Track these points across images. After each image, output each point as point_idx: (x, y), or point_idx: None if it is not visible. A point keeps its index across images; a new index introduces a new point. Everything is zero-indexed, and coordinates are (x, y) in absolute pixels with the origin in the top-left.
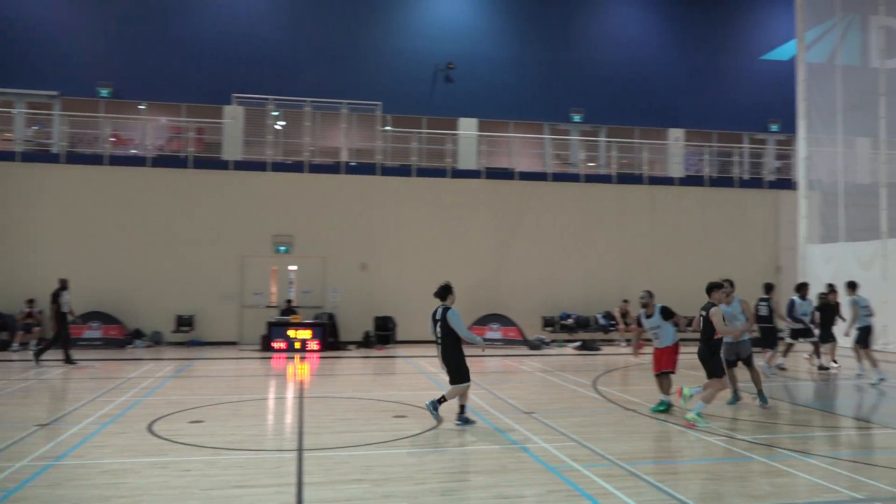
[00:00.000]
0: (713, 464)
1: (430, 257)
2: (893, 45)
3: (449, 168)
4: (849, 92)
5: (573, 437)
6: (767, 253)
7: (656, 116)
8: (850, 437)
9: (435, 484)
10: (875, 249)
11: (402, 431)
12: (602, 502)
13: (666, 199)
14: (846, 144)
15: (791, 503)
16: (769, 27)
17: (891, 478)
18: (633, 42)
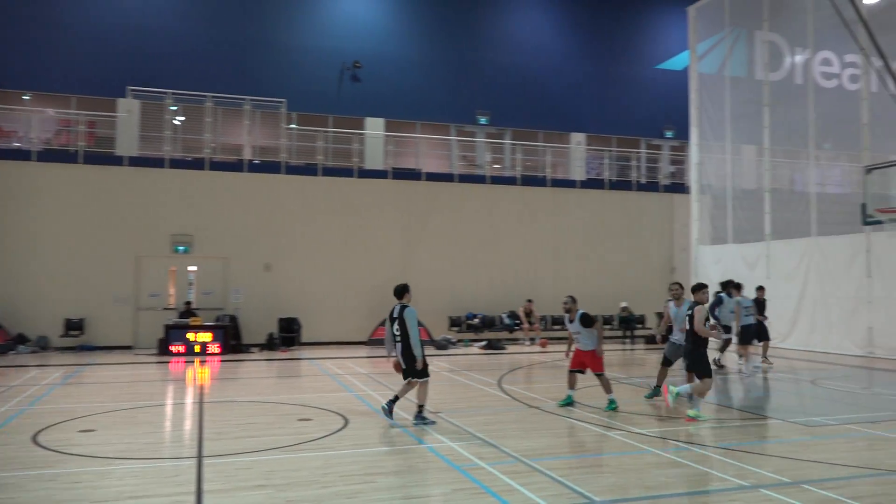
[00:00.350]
0: (613, 457)
1: (336, 258)
2: (776, 59)
3: (356, 168)
4: (736, 102)
5: (479, 436)
6: (663, 253)
7: (559, 120)
8: (738, 428)
9: (341, 487)
10: (759, 251)
11: (307, 435)
12: (507, 499)
13: (568, 201)
14: (734, 151)
15: (684, 493)
16: (665, 38)
17: (773, 465)
18: (538, 48)
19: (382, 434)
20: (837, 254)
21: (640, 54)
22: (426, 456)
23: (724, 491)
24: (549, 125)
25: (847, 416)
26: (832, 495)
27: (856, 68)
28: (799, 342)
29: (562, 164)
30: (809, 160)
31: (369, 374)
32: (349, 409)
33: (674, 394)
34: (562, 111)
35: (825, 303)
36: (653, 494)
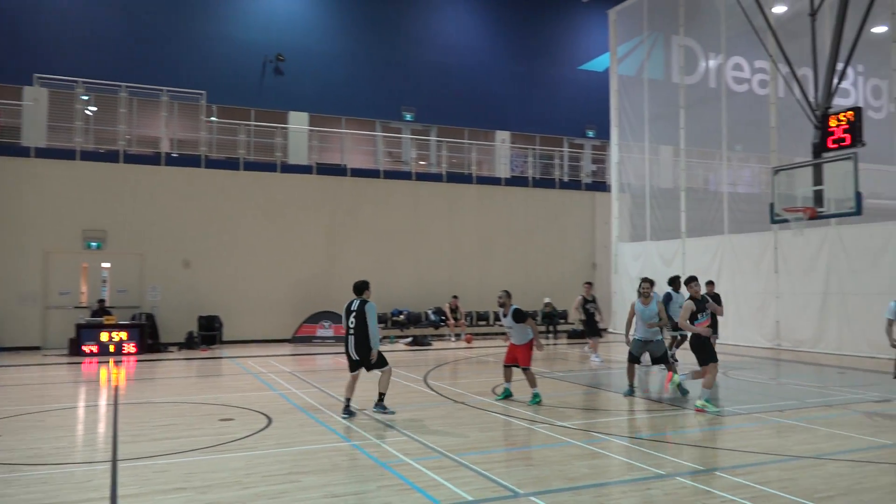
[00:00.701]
0: (536, 450)
1: (258, 254)
2: (691, 63)
3: (279, 163)
4: (654, 103)
5: (404, 432)
6: (585, 250)
7: (484, 118)
8: (656, 419)
9: (264, 487)
10: (676, 248)
11: (229, 435)
12: (433, 494)
13: (493, 198)
14: (652, 151)
15: (604, 483)
16: (587, 40)
17: (689, 454)
18: (464, 45)
19: (307, 432)
20: (748, 251)
21: (564, 55)
22: (351, 453)
23: (642, 480)
24: (475, 123)
25: (756, 405)
26: (743, 481)
27: (765, 74)
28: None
29: (487, 162)
30: (722, 161)
31: (293, 372)
32: (273, 408)
33: (675, 382)
34: (487, 109)
35: (736, 297)
36: (575, 485)
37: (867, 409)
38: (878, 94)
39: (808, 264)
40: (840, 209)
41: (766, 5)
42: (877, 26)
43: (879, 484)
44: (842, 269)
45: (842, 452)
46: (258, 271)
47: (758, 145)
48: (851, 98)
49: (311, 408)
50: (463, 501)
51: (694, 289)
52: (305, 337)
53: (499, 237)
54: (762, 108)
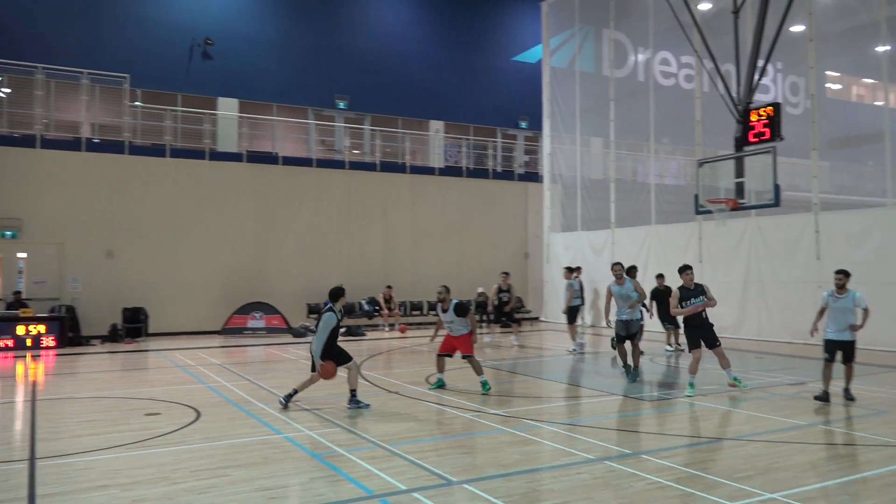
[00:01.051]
0: (469, 438)
1: (186, 243)
2: (621, 57)
3: (207, 150)
4: (585, 96)
5: (337, 423)
6: (518, 240)
7: (418, 108)
8: (586, 405)
9: (193, 482)
10: (605, 237)
11: (155, 430)
12: (366, 484)
13: (427, 187)
14: (583, 143)
15: (536, 468)
16: (520, 31)
17: (617, 438)
18: (398, 34)
19: (237, 426)
20: (673, 241)
21: (498, 46)
22: (283, 446)
23: (572, 465)
24: (409, 112)
25: (681, 390)
26: (667, 463)
27: (690, 69)
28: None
29: (421, 152)
30: (650, 153)
31: (223, 365)
32: (201, 402)
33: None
34: (421, 98)
35: None
36: (507, 472)
37: (784, 392)
38: (796, 90)
39: (730, 254)
40: (760, 201)
41: (692, 2)
42: (795, 25)
43: (795, 463)
44: (761, 258)
45: (760, 434)
46: (186, 261)
47: (684, 138)
48: (771, 94)
49: (241, 400)
50: (396, 491)
51: (686, 277)
52: (236, 328)
53: (433, 227)
54: (688, 102)
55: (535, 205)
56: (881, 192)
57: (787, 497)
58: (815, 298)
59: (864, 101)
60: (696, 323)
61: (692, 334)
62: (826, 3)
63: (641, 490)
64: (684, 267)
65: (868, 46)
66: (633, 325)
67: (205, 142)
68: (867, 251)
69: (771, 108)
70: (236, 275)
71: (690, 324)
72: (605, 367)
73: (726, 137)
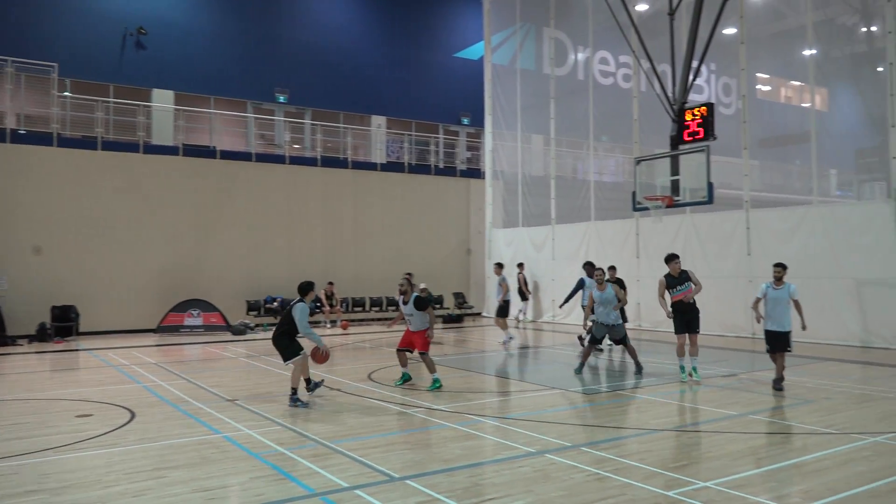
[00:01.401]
0: (412, 434)
1: (119, 239)
2: (561, 55)
3: (141, 142)
4: (526, 93)
5: (278, 422)
6: (460, 236)
7: (360, 103)
8: (527, 400)
9: (127, 485)
10: (546, 233)
11: (87, 432)
12: (307, 482)
13: (369, 183)
14: (524, 140)
15: (478, 463)
16: (463, 27)
17: (557, 431)
18: (339, 28)
19: (174, 426)
20: (612, 237)
21: (440, 42)
22: (222, 446)
23: (513, 458)
24: (350, 107)
25: (618, 382)
26: (606, 455)
27: (628, 68)
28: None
29: (363, 147)
30: (589, 151)
31: (159, 364)
32: (136, 402)
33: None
34: (363, 93)
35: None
36: (450, 467)
37: (717, 384)
38: (728, 91)
39: (666, 249)
40: (694, 198)
41: (630, 3)
42: (727, 28)
43: (726, 451)
44: (696, 253)
45: (693, 424)
46: (119, 258)
47: (622, 136)
48: (705, 94)
49: (178, 400)
50: (338, 488)
51: (673, 266)
52: (172, 326)
53: (375, 223)
54: (626, 101)
55: (477, 201)
56: (808, 191)
57: (719, 485)
58: (747, 292)
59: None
60: (683, 308)
61: (678, 319)
62: (757, 8)
63: (581, 482)
64: (671, 256)
65: (796, 50)
66: (616, 330)
67: (139, 134)
68: (794, 247)
69: (704, 108)
70: (172, 271)
71: (678, 309)
72: (546, 362)
73: (663, 136)
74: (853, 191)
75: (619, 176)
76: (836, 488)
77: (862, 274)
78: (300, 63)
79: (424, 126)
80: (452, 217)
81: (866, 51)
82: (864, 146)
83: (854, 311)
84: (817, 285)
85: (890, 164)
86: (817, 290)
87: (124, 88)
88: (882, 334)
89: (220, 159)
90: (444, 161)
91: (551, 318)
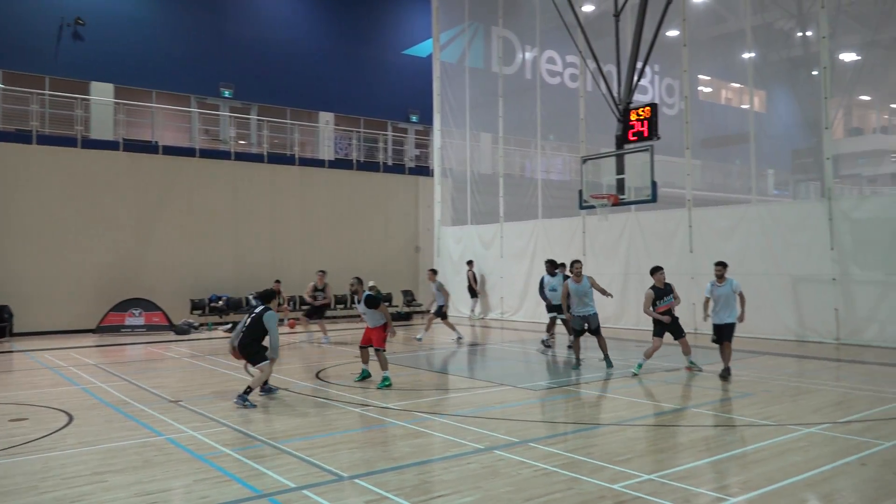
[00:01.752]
0: (360, 433)
1: (56, 237)
2: (509, 54)
3: (80, 137)
4: (475, 91)
5: (223, 422)
6: (408, 233)
7: (308, 99)
8: (475, 396)
9: (64, 490)
10: (495, 231)
11: (22, 437)
12: (253, 484)
13: (316, 180)
14: (473, 138)
15: (427, 460)
16: (411, 24)
17: (505, 427)
18: (286, 23)
19: (114, 428)
20: (559, 235)
21: (388, 38)
22: (165, 448)
23: (462, 455)
24: (298, 103)
25: (564, 379)
26: (553, 450)
27: (575, 68)
28: (527, 314)
29: (310, 143)
30: (537, 149)
31: (99, 365)
32: (75, 405)
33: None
34: (310, 90)
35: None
36: (398, 465)
37: (661, 378)
38: (672, 92)
39: (612, 247)
40: (638, 196)
41: (577, 3)
42: (670, 30)
43: (670, 444)
44: (640, 251)
45: (639, 418)
46: (56, 256)
47: (569, 135)
48: (649, 95)
49: (118, 402)
50: (286, 489)
51: (658, 277)
52: (112, 326)
53: (323, 220)
54: (573, 101)
55: (425, 198)
56: (747, 190)
57: (662, 477)
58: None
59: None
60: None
61: (659, 325)
62: (698, 11)
63: (529, 477)
64: (656, 268)
65: (736, 53)
66: (592, 319)
67: (77, 128)
68: (734, 245)
69: (649, 108)
70: (113, 270)
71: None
72: (495, 359)
73: (609, 135)
74: (789, 190)
75: (566, 174)
76: (773, 478)
77: (797, 270)
78: (246, 58)
79: (373, 123)
80: (401, 215)
81: (802, 55)
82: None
83: (790, 306)
84: (755, 282)
85: (824, 165)
86: (755, 286)
87: (61, 81)
88: (816, 329)
89: (162, 155)
90: (392, 158)
91: (500, 315)
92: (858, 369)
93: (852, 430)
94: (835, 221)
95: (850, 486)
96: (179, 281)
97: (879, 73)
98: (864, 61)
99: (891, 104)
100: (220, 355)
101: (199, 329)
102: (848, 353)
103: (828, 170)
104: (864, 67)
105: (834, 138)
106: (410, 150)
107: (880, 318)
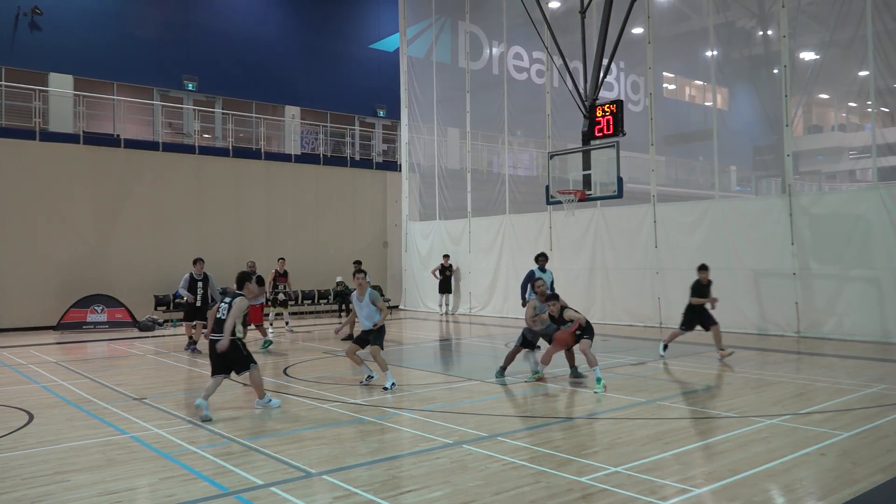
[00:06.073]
0: (329, 428)
1: (13, 233)
2: (476, 50)
3: (37, 129)
4: (442, 86)
5: (189, 420)
6: (376, 229)
7: (273, 92)
8: (444, 392)
9: (24, 490)
10: (463, 226)
11: None
12: (220, 482)
13: (283, 174)
14: (440, 133)
15: (396, 455)
16: (378, 18)
17: (474, 422)
18: (251, 15)
19: (77, 427)
20: (526, 230)
21: (355, 32)
22: (129, 446)
23: (431, 450)
24: (263, 96)
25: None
26: (521, 444)
27: (541, 64)
28: (496, 310)
29: (276, 138)
30: (504, 145)
31: (60, 363)
32: (35, 403)
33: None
34: (276, 83)
35: (517, 273)
36: (367, 461)
37: (627, 372)
38: (637, 89)
39: (578, 242)
40: (604, 192)
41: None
42: (635, 28)
43: (636, 437)
44: (605, 246)
45: (605, 412)
46: (14, 252)
47: (535, 131)
48: (615, 91)
49: (81, 400)
50: (253, 486)
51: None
52: (74, 323)
53: (289, 215)
54: (539, 97)
55: (393, 193)
56: (710, 186)
57: (628, 469)
58: (654, 283)
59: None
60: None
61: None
62: (662, 9)
63: (497, 471)
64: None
65: (699, 51)
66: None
67: (34, 120)
68: (697, 240)
69: (614, 105)
70: (74, 265)
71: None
72: (463, 354)
73: (575, 131)
74: (751, 186)
75: (533, 170)
76: (736, 469)
77: (758, 265)
78: (210, 50)
79: (340, 117)
80: (369, 210)
81: (763, 53)
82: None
83: (751, 300)
84: (718, 276)
85: (785, 162)
86: (718, 280)
87: (17, 72)
88: (776, 322)
89: (124, 148)
90: (360, 153)
91: (468, 311)
92: (818, 361)
93: (812, 422)
94: (795, 217)
95: (810, 476)
96: (142, 277)
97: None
98: (823, 60)
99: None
100: (184, 352)
101: (163, 325)
102: (808, 346)
103: (788, 166)
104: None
105: (794, 136)
106: (378, 145)
107: (838, 311)
